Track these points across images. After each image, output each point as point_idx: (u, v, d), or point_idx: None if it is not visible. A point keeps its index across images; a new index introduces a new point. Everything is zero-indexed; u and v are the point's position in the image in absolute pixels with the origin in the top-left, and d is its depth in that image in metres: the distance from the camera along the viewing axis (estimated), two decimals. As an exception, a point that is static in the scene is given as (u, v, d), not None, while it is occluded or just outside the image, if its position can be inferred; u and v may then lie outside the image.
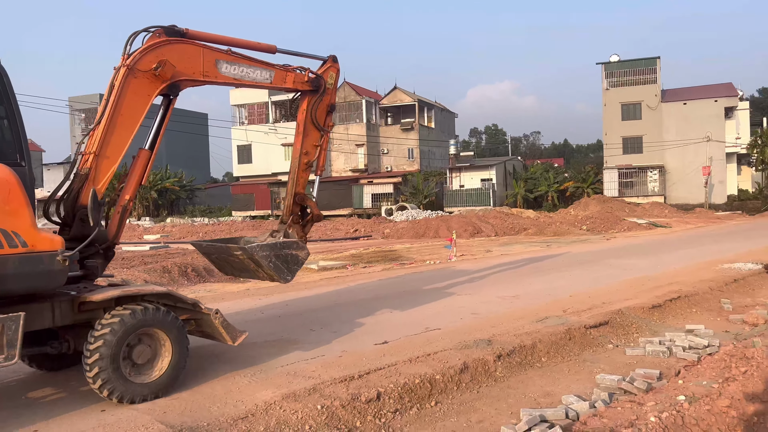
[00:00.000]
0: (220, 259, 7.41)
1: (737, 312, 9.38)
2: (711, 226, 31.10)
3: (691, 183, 46.94)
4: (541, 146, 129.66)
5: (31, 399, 5.56)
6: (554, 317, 8.12)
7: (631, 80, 50.50)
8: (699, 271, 12.49)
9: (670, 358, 6.84)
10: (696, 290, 10.31)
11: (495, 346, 6.63)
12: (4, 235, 4.66)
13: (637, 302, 9.18)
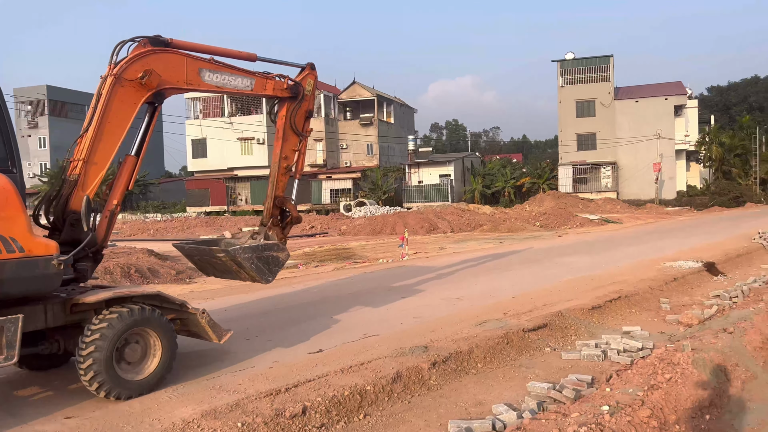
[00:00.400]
0: (202, 260, 7.58)
1: (675, 312, 9.55)
2: (660, 222, 31.92)
3: (642, 179, 48.15)
4: (500, 141, 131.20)
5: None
6: (494, 320, 8.09)
7: (586, 78, 51.45)
8: (641, 270, 12.70)
9: (604, 362, 6.88)
10: (636, 290, 10.46)
11: (431, 353, 6.54)
12: (2, 240, 4.84)
13: (578, 303, 9.24)
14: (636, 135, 48.32)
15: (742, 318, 7.68)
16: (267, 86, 7.26)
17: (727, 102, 74.43)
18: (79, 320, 5.58)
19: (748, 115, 61.00)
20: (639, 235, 22.75)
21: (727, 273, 13.37)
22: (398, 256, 17.66)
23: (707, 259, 14.23)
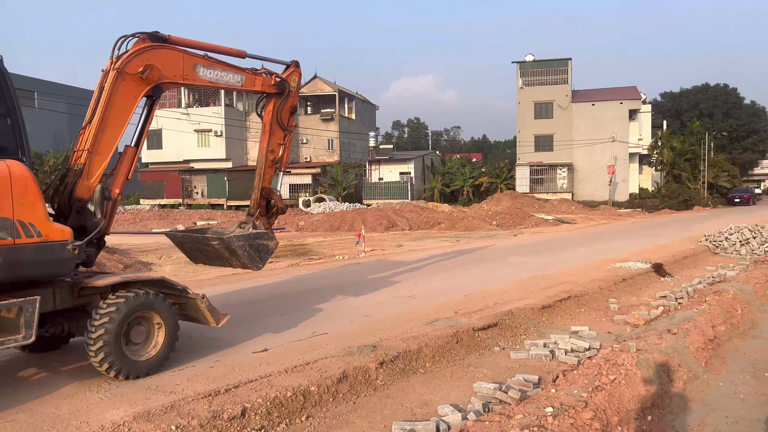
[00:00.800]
0: (193, 248, 7.88)
1: (622, 312, 9.69)
2: (612, 223, 32.64)
3: (597, 181, 49.19)
4: (461, 141, 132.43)
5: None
6: (444, 319, 8.03)
7: (544, 80, 52.24)
8: (592, 270, 12.89)
9: (552, 362, 6.90)
10: (586, 290, 10.58)
11: (379, 352, 6.42)
12: (21, 225, 5.13)
13: (529, 302, 9.28)
14: (592, 137, 49.34)
15: (686, 319, 7.83)
16: (256, 82, 7.62)
17: (679, 108, 76.63)
18: (84, 304, 5.94)
19: (698, 121, 63.01)
20: (591, 235, 23.19)
21: (674, 274, 13.70)
22: (355, 254, 17.51)
23: (656, 260, 14.56)
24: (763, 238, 16.92)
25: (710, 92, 76.73)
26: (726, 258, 16.52)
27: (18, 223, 5.14)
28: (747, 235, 17.11)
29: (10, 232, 5.08)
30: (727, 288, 9.82)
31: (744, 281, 10.66)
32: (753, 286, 10.49)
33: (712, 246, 17.38)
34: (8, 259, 5.05)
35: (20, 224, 5.15)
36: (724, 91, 76.69)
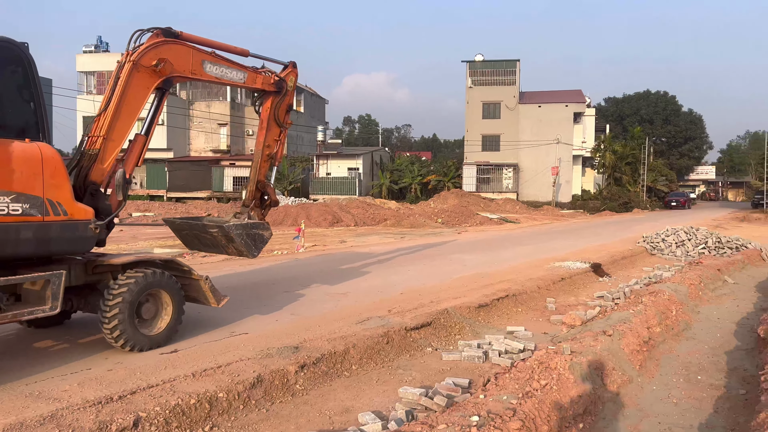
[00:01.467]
0: (191, 235, 8.23)
1: (559, 312, 9.52)
2: (555, 223, 33.10)
3: (541, 182, 49.99)
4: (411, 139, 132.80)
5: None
6: (376, 318, 7.62)
7: (493, 80, 52.68)
8: (531, 269, 12.76)
9: (485, 364, 6.59)
10: (524, 289, 10.39)
11: (301, 354, 5.94)
12: (50, 204, 5.49)
13: (465, 301, 8.98)
14: (537, 139, 50.08)
15: (622, 320, 7.67)
16: (257, 80, 7.99)
17: (622, 113, 79.00)
18: (95, 281, 6.25)
19: (639, 126, 65.05)
20: (533, 235, 23.31)
21: (612, 274, 13.75)
22: (294, 249, 16.92)
23: (594, 260, 14.60)
24: (698, 240, 17.29)
25: (651, 99, 79.44)
26: (662, 259, 16.78)
27: (47, 202, 5.54)
28: (682, 237, 17.45)
29: (40, 209, 5.48)
30: (662, 289, 9.79)
31: (679, 282, 10.70)
32: (687, 288, 10.54)
33: (650, 247, 17.65)
34: (37, 234, 5.47)
35: (49, 203, 5.55)
36: (664, 98, 79.56)
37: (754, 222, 38.06)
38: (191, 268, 6.80)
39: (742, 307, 10.42)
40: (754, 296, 11.45)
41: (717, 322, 9.30)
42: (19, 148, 5.38)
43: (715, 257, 15.35)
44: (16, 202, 5.29)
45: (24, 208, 5.36)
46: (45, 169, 5.50)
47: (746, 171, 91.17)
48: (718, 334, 8.58)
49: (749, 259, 15.60)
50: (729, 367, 6.98)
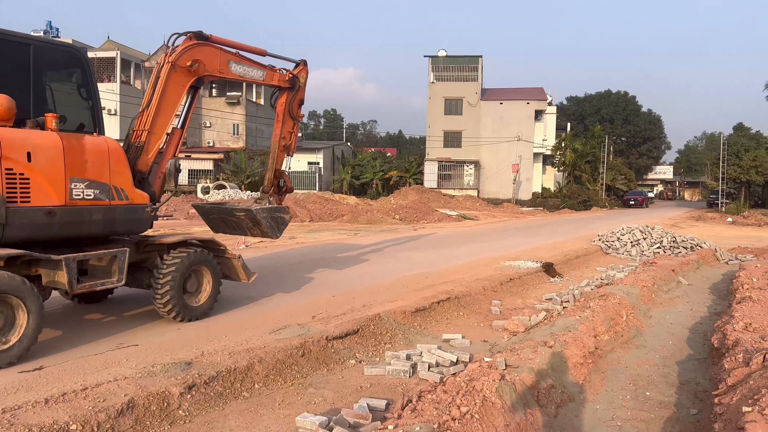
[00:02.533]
0: (218, 218, 8.96)
1: (504, 315, 8.85)
2: (513, 220, 32.74)
3: (502, 179, 49.79)
4: (377, 135, 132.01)
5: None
6: (296, 326, 6.77)
7: (455, 76, 52.21)
8: (480, 268, 12.09)
9: (412, 379, 5.82)
10: (469, 290, 9.68)
11: (192, 371, 5.06)
12: (115, 190, 6.35)
13: (402, 304, 8.20)
14: (499, 136, 49.84)
15: (567, 327, 7.01)
16: (274, 77, 8.72)
17: (583, 112, 79.64)
18: (143, 259, 6.99)
19: (599, 125, 65.56)
20: (489, 232, 22.76)
21: (564, 274, 13.19)
22: (235, 246, 15.92)
23: (547, 259, 14.04)
24: (653, 239, 16.94)
25: (612, 99, 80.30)
26: (617, 259, 16.36)
27: (113, 188, 6.35)
28: (638, 236, 17.08)
29: (107, 194, 6.29)
30: (613, 292, 9.20)
31: (631, 284, 10.15)
32: (640, 290, 9.99)
33: (605, 246, 17.23)
34: (105, 216, 6.31)
35: (114, 189, 6.36)
36: (625, 98, 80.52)
37: (709, 221, 38.49)
38: (226, 248, 7.66)
39: (696, 311, 9.94)
40: (707, 298, 11.01)
41: (669, 327, 8.75)
42: (90, 141, 6.28)
43: (670, 257, 14.98)
44: (89, 188, 6.16)
45: (95, 193, 6.22)
46: (111, 159, 6.35)
47: (702, 171, 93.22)
48: (670, 341, 8.01)
49: (703, 259, 15.27)
50: (680, 381, 6.38)
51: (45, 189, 5.77)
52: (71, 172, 5.98)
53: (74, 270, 5.83)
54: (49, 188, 5.81)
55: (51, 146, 5.81)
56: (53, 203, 5.84)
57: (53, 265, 5.73)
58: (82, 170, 6.05)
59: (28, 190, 5.63)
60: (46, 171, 5.76)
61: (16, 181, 5.53)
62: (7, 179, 5.46)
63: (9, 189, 5.47)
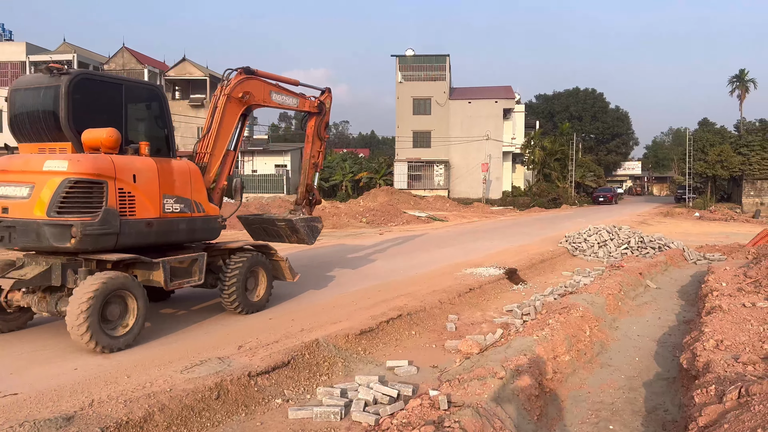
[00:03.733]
0: (259, 228, 10.04)
1: (460, 333, 8.15)
2: (482, 221, 32.20)
3: (472, 178, 49.36)
4: (349, 136, 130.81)
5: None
6: (215, 360, 5.93)
7: (423, 75, 51.64)
8: (439, 278, 11.38)
9: (343, 421, 5.06)
10: (424, 304, 8.96)
11: (70, 430, 4.20)
12: (195, 204, 7.59)
13: (347, 326, 7.43)
14: (467, 135, 49.42)
15: (523, 350, 6.32)
16: (305, 104, 9.95)
17: (552, 110, 79.84)
18: (209, 262, 7.88)
19: (568, 122, 65.66)
20: (456, 235, 22.11)
21: (528, 280, 12.57)
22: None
23: (511, 264, 13.42)
24: (620, 239, 16.46)
25: (580, 96, 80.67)
26: (584, 261, 15.83)
27: (193, 203, 7.52)
28: (605, 236, 16.59)
29: (189, 208, 7.48)
30: (576, 303, 8.57)
31: (596, 292, 9.55)
32: (605, 299, 9.39)
33: (571, 248, 16.70)
34: (188, 226, 7.51)
35: (194, 203, 7.53)
36: (593, 95, 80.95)
37: (677, 217, 38.54)
38: (276, 251, 8.81)
39: (664, 319, 9.38)
40: (676, 304, 10.48)
41: (636, 340, 8.15)
42: (175, 164, 7.38)
43: (638, 258, 14.49)
44: (176, 203, 7.28)
45: (181, 207, 7.34)
46: (191, 178, 7.51)
47: (669, 166, 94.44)
48: (636, 356, 7.40)
49: (672, 259, 14.83)
50: (647, 407, 5.74)
51: (145, 204, 6.93)
52: (164, 190, 7.17)
53: (169, 271, 7.00)
54: (149, 204, 6.98)
55: (149, 169, 6.98)
56: (151, 216, 7.03)
57: (151, 266, 6.92)
58: (171, 188, 7.27)
59: (134, 206, 6.81)
60: (146, 190, 6.93)
61: (126, 198, 6.71)
62: (120, 197, 6.63)
63: (121, 205, 6.65)
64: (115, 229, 6.52)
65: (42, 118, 6.67)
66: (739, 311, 7.44)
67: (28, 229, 6.28)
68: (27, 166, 6.50)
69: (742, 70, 60.94)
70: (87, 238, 6.26)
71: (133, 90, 7.41)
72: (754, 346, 5.99)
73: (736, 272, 10.48)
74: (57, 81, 6.52)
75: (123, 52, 51.95)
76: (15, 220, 6.37)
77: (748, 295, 8.48)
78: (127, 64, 51.87)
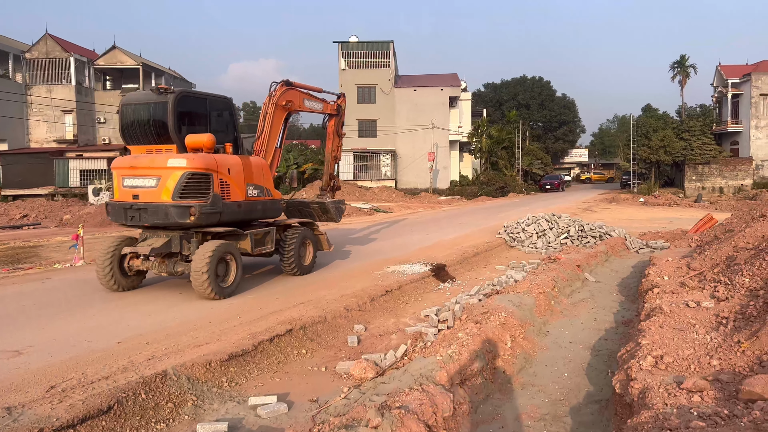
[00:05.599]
0: (295, 210, 12.06)
1: (363, 347, 6.85)
2: (427, 211, 31.08)
3: (419, 168, 48.23)
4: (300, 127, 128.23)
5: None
6: (3, 411, 4.39)
7: (368, 63, 50.12)
8: (353, 279, 10.03)
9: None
10: (325, 313, 7.59)
11: None
12: (266, 190, 9.78)
13: (214, 349, 5.97)
14: (413, 124, 48.22)
15: (422, 375, 5.02)
16: (327, 108, 12.32)
17: (500, 98, 79.49)
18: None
19: (515, 110, 65.28)
20: (393, 228, 20.77)
21: (458, 277, 11.36)
22: (72, 261, 13.19)
23: (442, 259, 12.20)
24: (560, 229, 15.47)
25: (528, 84, 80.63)
26: (521, 253, 14.77)
27: (265, 189, 9.81)
28: (544, 226, 15.56)
29: (263, 193, 9.73)
30: (500, 306, 7.36)
31: (525, 291, 8.37)
32: (534, 299, 8.23)
33: (509, 238, 15.63)
34: (263, 207, 9.79)
35: (266, 189, 9.84)
36: (540, 83, 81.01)
37: (622, 203, 38.37)
38: (318, 226, 11.26)
39: (601, 320, 8.28)
40: (615, 301, 9.43)
41: (567, 348, 6.99)
42: (253, 160, 9.71)
43: (578, 248, 13.50)
44: (255, 189, 9.56)
45: (257, 193, 9.63)
46: (263, 170, 9.83)
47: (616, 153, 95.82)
48: (565, 372, 6.21)
49: (613, 249, 13.90)
50: (572, 446, 4.53)
51: (236, 190, 9.04)
52: (247, 179, 9.27)
53: (254, 240, 9.36)
54: (238, 190, 9.09)
55: (237, 164, 9.12)
56: (240, 199, 9.14)
57: (242, 237, 9.22)
58: (251, 178, 9.39)
59: (229, 192, 8.89)
60: (236, 180, 9.05)
61: (224, 186, 8.80)
62: (221, 185, 8.73)
63: (222, 191, 8.74)
64: (220, 209, 8.71)
65: (152, 126, 8.70)
66: (683, 313, 6.34)
67: (158, 210, 8.31)
68: (153, 163, 8.49)
69: (683, 56, 61.44)
70: (202, 216, 8.41)
71: (214, 102, 9.39)
72: (700, 362, 4.85)
73: (678, 264, 9.49)
74: (164, 98, 8.56)
75: (46, 40, 48.54)
76: (146, 203, 8.39)
77: (692, 292, 7.43)
78: (51, 52, 48.54)
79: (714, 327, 5.73)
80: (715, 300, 6.72)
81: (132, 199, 8.46)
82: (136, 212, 8.43)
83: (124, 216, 8.61)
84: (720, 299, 6.72)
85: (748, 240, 8.82)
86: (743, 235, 9.08)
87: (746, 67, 51.41)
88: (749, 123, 48.85)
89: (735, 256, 8.34)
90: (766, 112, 48.65)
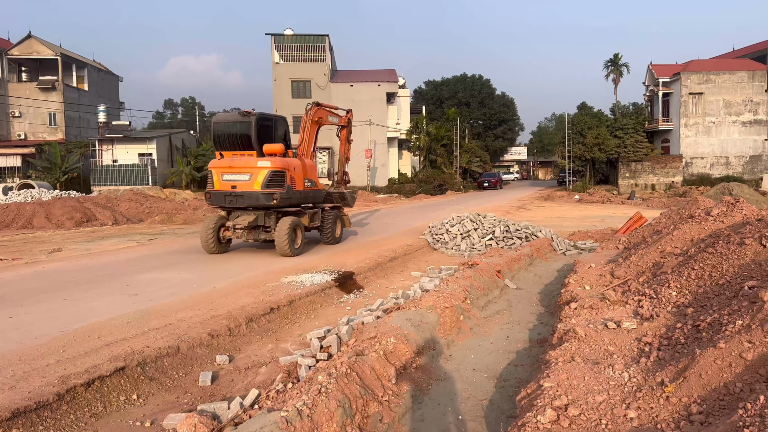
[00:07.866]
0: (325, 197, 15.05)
1: (220, 387, 5.45)
2: (358, 210, 29.81)
3: (357, 165, 46.74)
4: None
5: None
6: None
7: (302, 56, 48.38)
8: (238, 293, 8.56)
9: None
10: (180, 342, 6.14)
11: None
12: (314, 183, 13.58)
13: (1, 403, 4.46)
14: (350, 120, 46.80)
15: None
16: (341, 121, 15.91)
17: (441, 96, 79.00)
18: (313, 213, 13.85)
19: (455, 108, 64.80)
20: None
21: (366, 286, 10.12)
22: None
23: (353, 265, 10.94)
24: (485, 229, 14.48)
25: (468, 82, 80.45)
26: (444, 256, 13.69)
27: (314, 182, 13.49)
28: (468, 226, 14.52)
29: (313, 184, 13.40)
30: (393, 327, 6.13)
31: (428, 307, 7.18)
32: (439, 315, 7.05)
33: (433, 240, 14.54)
34: (313, 194, 13.49)
35: (315, 182, 13.52)
36: (480, 81, 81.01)
37: (557, 200, 38.20)
38: (344, 209, 15.52)
39: (514, 338, 7.17)
40: (534, 313, 8.37)
41: (469, 379, 5.81)
42: (306, 161, 13.41)
43: (501, 251, 12.50)
44: (308, 182, 13.11)
45: (310, 184, 13.20)
46: (313, 169, 13.62)
47: (553, 151, 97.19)
48: (460, 415, 5.02)
49: (538, 251, 12.97)
50: None
51: (297, 182, 12.73)
52: (304, 174, 13.09)
53: (310, 217, 13.42)
54: (300, 182, 12.83)
55: (299, 165, 12.93)
56: (299, 189, 12.84)
57: (303, 214, 13.18)
58: (307, 174, 13.23)
59: (295, 183, 12.59)
60: (298, 175, 12.80)
61: (292, 180, 12.47)
62: (290, 179, 12.37)
63: (292, 183, 12.41)
64: (291, 195, 12.31)
65: (239, 138, 12.32)
66: (600, 338, 5.27)
67: (252, 196, 11.93)
68: (247, 164, 12.09)
69: (616, 54, 62.31)
70: (281, 200, 12.04)
71: (277, 120, 13.07)
72: (614, 414, 3.73)
73: (602, 270, 8.53)
74: (248, 119, 12.25)
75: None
76: (242, 191, 11.96)
77: (613, 307, 6.41)
78: (-46, 40, 44.58)
79: (635, 358, 4.66)
80: (638, 318, 5.69)
81: (231, 189, 12.03)
82: (234, 197, 12.02)
83: (224, 200, 12.12)
84: (644, 317, 5.69)
85: (676, 244, 7.92)
86: (671, 239, 8.18)
87: (676, 67, 52.46)
88: (679, 121, 49.82)
89: (662, 263, 7.40)
90: (695, 110, 49.74)
